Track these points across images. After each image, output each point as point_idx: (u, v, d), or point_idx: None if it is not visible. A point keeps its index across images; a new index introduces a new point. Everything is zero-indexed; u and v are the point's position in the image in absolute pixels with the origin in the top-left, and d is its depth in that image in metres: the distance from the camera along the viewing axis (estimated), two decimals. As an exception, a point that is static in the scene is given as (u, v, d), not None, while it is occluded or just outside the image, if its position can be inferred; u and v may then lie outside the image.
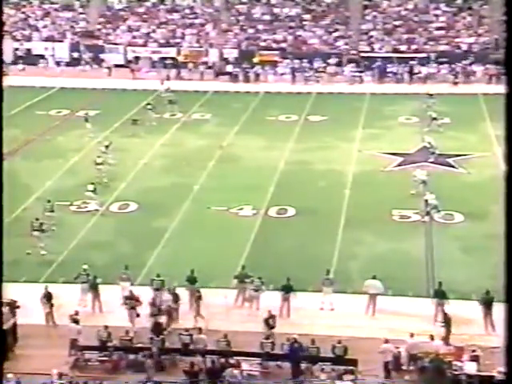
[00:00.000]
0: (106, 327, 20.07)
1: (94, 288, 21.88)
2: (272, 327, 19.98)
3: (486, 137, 36.55)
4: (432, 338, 19.13)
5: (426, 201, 27.71)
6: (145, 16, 56.31)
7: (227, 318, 21.05)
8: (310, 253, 24.91)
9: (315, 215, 28.02)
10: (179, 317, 21.23)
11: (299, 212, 28.34)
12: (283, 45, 52.76)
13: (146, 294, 21.58)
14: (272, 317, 20.18)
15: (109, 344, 19.66)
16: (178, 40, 53.87)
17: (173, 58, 51.80)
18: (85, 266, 22.46)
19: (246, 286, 21.90)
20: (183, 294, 21.57)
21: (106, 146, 33.36)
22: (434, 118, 38.07)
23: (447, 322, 19.87)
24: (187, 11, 56.53)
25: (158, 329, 20.03)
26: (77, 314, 20.40)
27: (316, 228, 27.03)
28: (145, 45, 53.59)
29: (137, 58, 52.77)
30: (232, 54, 52.10)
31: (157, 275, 22.17)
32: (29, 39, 54.25)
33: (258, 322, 20.61)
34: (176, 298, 21.30)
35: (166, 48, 52.83)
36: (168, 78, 48.36)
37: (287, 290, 21.44)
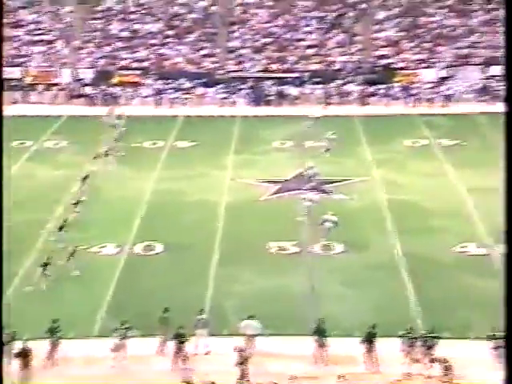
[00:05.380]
0: None
1: None
2: None
3: (363, 161, 37.88)
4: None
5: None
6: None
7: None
8: (180, 292, 24.76)
9: (186, 251, 27.95)
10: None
11: (168, 248, 28.18)
12: (145, 64, 52.73)
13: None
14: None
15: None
16: (23, 59, 52.62)
17: (19, 79, 50.57)
18: None
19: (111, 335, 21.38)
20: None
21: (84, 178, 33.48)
22: (325, 140, 39.08)
23: (244, 360, 20.02)
24: (32, 26, 55.28)
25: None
26: None
27: (187, 265, 26.94)
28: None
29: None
30: (87, 74, 51.51)
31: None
32: None
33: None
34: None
35: (9, 68, 51.30)
36: (15, 102, 47.10)
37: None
